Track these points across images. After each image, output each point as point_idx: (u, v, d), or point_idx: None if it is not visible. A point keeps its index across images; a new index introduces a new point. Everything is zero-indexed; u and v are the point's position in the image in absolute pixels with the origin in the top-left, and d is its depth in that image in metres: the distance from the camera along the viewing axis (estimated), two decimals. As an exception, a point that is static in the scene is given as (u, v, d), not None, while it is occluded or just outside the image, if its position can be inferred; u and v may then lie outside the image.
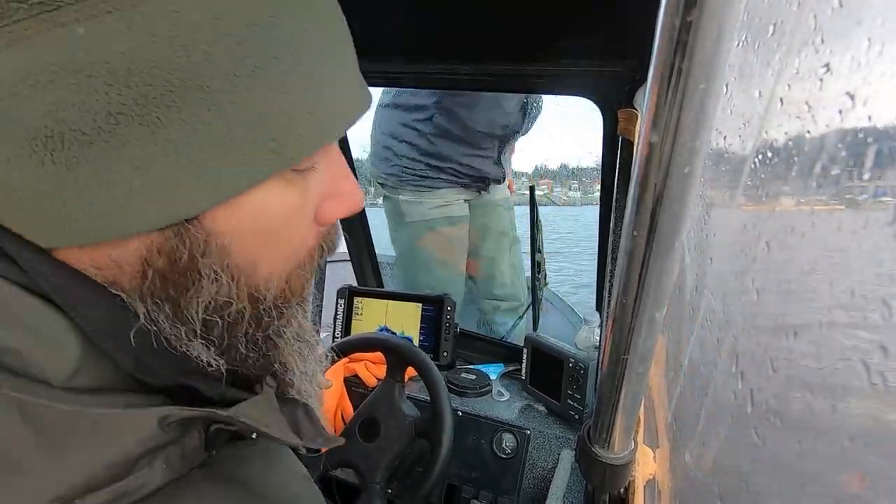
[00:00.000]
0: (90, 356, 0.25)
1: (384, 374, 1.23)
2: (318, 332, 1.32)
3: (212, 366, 0.28)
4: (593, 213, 1.18)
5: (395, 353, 1.02)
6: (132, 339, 0.26)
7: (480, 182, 1.71)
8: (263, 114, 0.25)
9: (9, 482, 0.22)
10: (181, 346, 0.27)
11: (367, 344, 1.07)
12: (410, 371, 1.04)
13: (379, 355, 1.24)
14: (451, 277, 1.77)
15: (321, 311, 1.33)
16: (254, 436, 0.30)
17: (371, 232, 1.59)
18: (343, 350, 1.07)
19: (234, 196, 0.26)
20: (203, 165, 0.24)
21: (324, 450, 1.03)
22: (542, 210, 1.28)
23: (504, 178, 1.77)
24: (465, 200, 1.73)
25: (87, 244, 0.24)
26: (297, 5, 0.26)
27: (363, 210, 1.51)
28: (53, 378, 0.23)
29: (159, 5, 0.22)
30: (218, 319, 0.28)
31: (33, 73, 0.21)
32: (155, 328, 0.26)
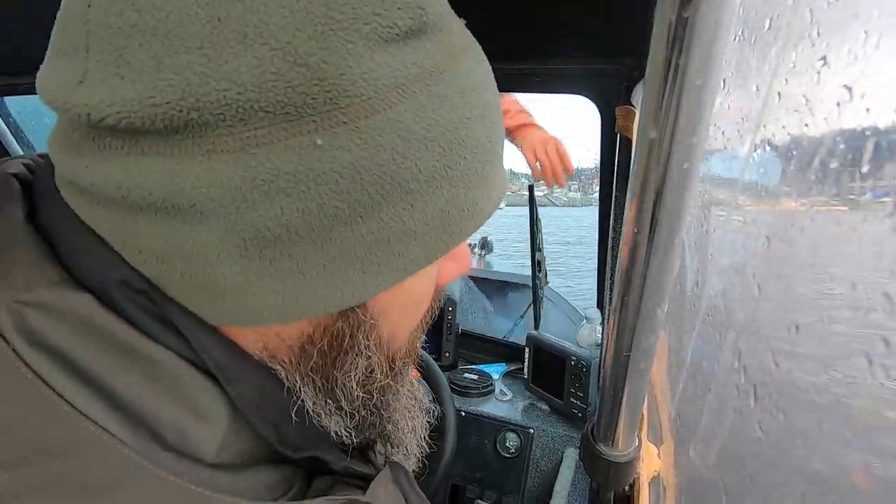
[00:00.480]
0: (237, 430, 0.25)
1: None
2: None
3: (342, 437, 0.29)
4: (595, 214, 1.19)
5: (418, 367, 1.01)
6: (280, 412, 0.27)
7: None
8: (446, 210, 0.26)
9: None
10: (323, 420, 0.28)
11: None
12: (413, 372, 1.03)
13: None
14: None
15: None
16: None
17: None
18: None
19: (403, 280, 0.27)
20: (387, 255, 0.25)
21: None
22: (541, 211, 1.28)
23: None
24: None
25: (262, 325, 0.26)
26: (482, 109, 0.27)
27: None
28: (206, 454, 0.24)
29: (387, 117, 0.23)
30: (361, 392, 0.29)
31: (267, 179, 0.22)
32: (301, 401, 0.27)
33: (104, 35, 0.21)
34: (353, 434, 0.30)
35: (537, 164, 1.09)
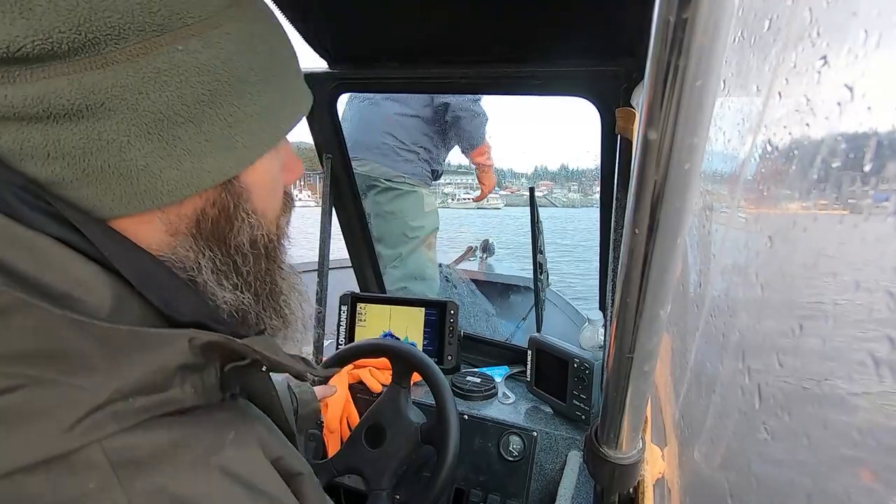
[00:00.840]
0: (124, 298, 0.32)
1: (386, 380, 1.23)
2: (321, 339, 1.32)
3: (232, 304, 0.37)
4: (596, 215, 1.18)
5: (399, 358, 1.02)
6: (171, 286, 0.34)
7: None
8: (277, 102, 0.37)
9: (82, 377, 0.28)
10: (218, 291, 0.37)
11: (371, 350, 1.07)
12: (416, 376, 1.03)
13: (384, 361, 1.23)
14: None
15: (324, 318, 1.33)
16: (263, 368, 0.39)
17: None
18: (347, 357, 1.07)
19: (255, 160, 0.37)
20: (246, 135, 0.35)
21: (329, 455, 1.03)
22: (540, 212, 1.28)
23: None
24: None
25: (171, 204, 0.34)
26: (283, 40, 0.39)
27: (364, 216, 1.51)
28: (97, 314, 0.30)
29: (223, 31, 0.34)
30: (250, 253, 0.38)
31: (151, 76, 0.31)
32: (197, 274, 0.36)
33: None
34: (246, 298, 0.39)
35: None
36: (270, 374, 0.43)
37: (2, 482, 0.25)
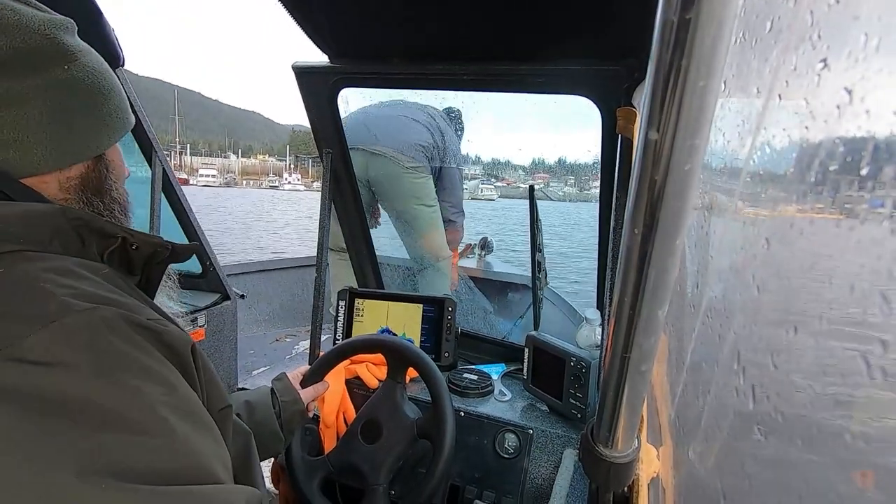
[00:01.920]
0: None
1: (383, 376, 1.23)
2: (319, 334, 1.32)
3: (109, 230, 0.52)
4: (588, 210, 1.18)
5: (395, 354, 1.02)
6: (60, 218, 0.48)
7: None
8: (115, 112, 0.56)
9: None
10: (94, 220, 0.50)
11: (367, 345, 1.07)
12: (412, 372, 1.04)
13: (380, 357, 1.24)
14: None
15: (322, 311, 1.33)
16: (134, 247, 0.53)
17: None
18: (344, 352, 1.07)
19: (113, 143, 0.57)
20: (108, 127, 0.55)
21: (325, 451, 1.03)
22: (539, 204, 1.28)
23: None
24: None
25: (63, 168, 0.51)
26: (112, 79, 0.57)
27: (362, 210, 1.51)
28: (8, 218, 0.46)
29: (84, 62, 0.53)
30: (115, 203, 0.57)
31: (51, 85, 0.49)
32: (77, 212, 0.50)
33: None
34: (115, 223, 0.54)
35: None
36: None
37: None
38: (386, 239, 2.13)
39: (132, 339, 0.41)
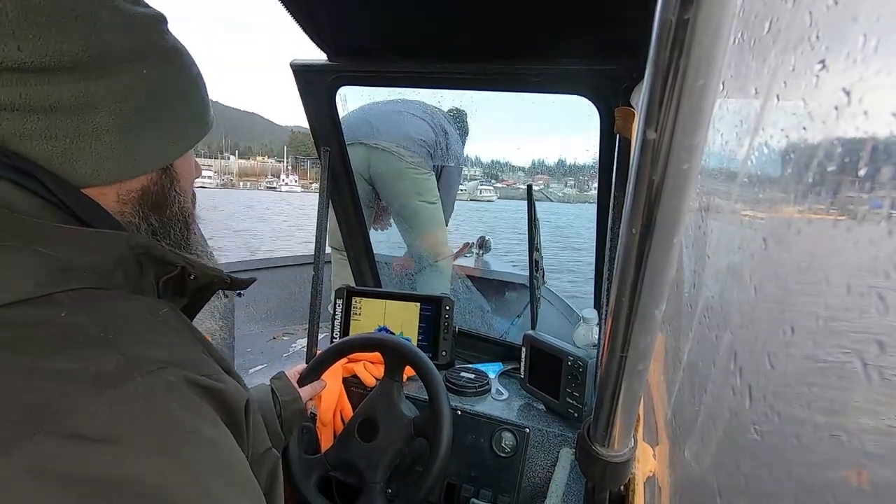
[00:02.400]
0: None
1: (379, 374, 1.23)
2: (317, 332, 1.32)
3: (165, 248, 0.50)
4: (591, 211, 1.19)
5: (392, 352, 1.02)
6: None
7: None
8: (194, 116, 0.52)
9: (43, 251, 0.39)
10: (156, 248, 0.47)
11: (365, 344, 1.07)
12: (409, 371, 1.04)
13: (378, 355, 1.24)
14: None
15: (319, 310, 1.33)
16: (192, 276, 0.51)
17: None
18: (342, 351, 1.07)
19: (183, 153, 0.52)
20: (179, 136, 0.50)
21: (322, 449, 1.03)
22: (538, 205, 1.28)
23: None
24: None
25: (124, 180, 0.47)
26: (199, 79, 0.53)
27: (360, 209, 1.51)
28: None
29: (170, 66, 0.49)
30: (175, 219, 0.53)
31: (126, 92, 0.44)
32: (140, 239, 0.46)
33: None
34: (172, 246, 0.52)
35: None
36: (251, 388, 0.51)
37: (1, 312, 0.36)
38: (383, 238, 2.14)
39: (191, 404, 0.39)
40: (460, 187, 2.29)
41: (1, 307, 0.35)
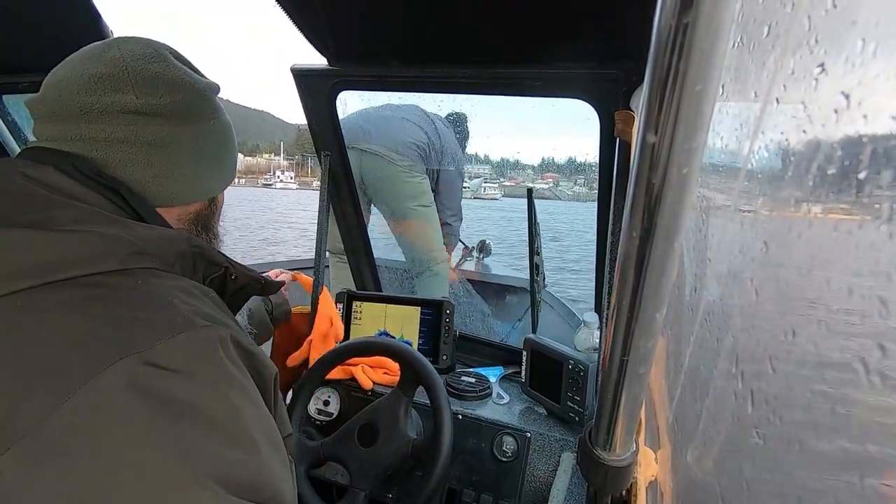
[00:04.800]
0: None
1: (381, 380, 1.23)
2: None
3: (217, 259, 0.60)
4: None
5: (412, 369, 1.00)
6: (182, 242, 0.54)
7: None
8: (233, 163, 0.67)
9: (126, 236, 0.48)
10: (204, 244, 0.56)
11: (389, 351, 1.06)
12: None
13: (377, 360, 1.23)
14: None
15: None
16: (233, 277, 0.61)
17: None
18: (362, 350, 1.09)
19: (225, 188, 0.67)
20: (222, 175, 0.64)
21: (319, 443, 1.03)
22: (545, 204, 1.28)
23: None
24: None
25: (185, 203, 0.60)
26: (233, 140, 0.68)
27: (360, 213, 1.51)
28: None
29: (220, 120, 0.63)
30: (216, 238, 0.67)
31: (204, 133, 0.60)
32: (197, 238, 0.56)
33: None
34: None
35: None
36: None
37: (96, 277, 0.45)
38: (383, 241, 2.13)
39: (237, 359, 0.47)
40: (464, 184, 2.29)
41: (96, 274, 0.45)
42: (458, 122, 2.19)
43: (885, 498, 0.22)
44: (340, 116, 1.30)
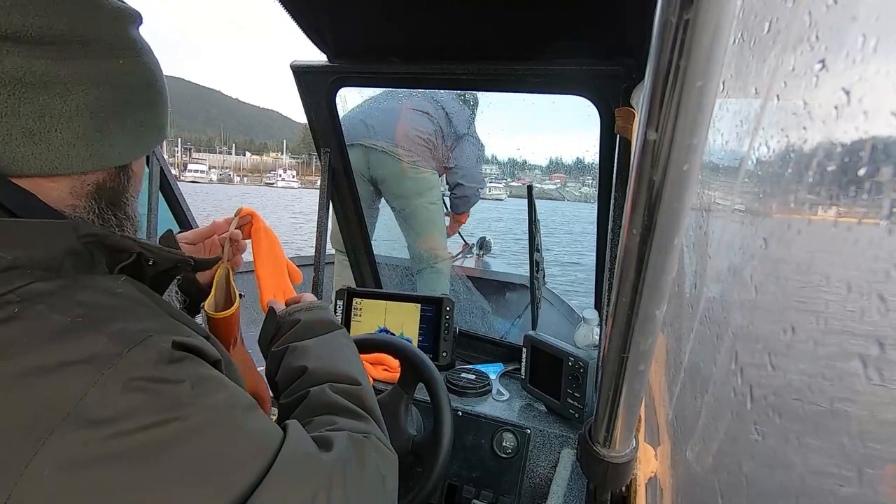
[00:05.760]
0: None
1: (381, 376, 1.23)
2: None
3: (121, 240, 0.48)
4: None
5: (412, 366, 1.00)
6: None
7: None
8: (159, 122, 0.51)
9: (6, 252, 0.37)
10: (110, 237, 0.45)
11: (390, 348, 1.06)
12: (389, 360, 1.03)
13: (377, 356, 1.24)
14: None
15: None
16: (150, 262, 0.49)
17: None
18: (362, 347, 1.09)
19: (144, 154, 0.51)
20: (141, 139, 0.49)
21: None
22: (552, 205, 1.28)
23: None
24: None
25: (81, 173, 0.45)
26: (162, 80, 0.51)
27: (360, 210, 1.51)
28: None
29: (140, 59, 0.48)
30: (128, 220, 0.51)
31: (110, 73, 0.44)
32: (89, 228, 0.44)
33: None
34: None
35: None
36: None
37: None
38: (384, 239, 2.13)
39: (182, 364, 0.40)
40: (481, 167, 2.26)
41: None
42: (465, 97, 2.14)
43: (883, 494, 0.22)
44: (340, 113, 1.30)
